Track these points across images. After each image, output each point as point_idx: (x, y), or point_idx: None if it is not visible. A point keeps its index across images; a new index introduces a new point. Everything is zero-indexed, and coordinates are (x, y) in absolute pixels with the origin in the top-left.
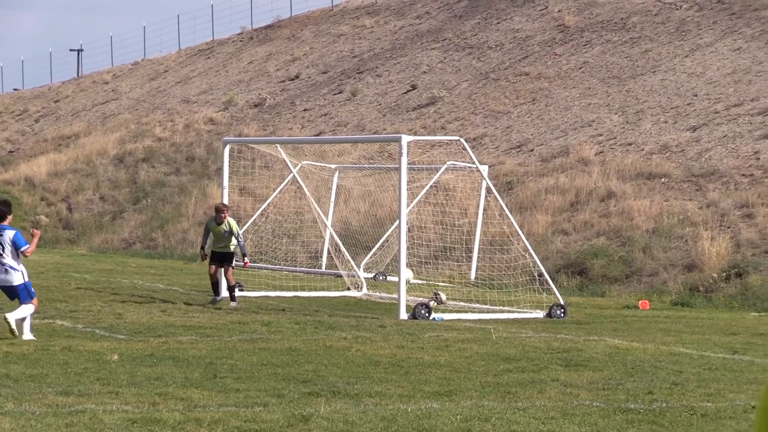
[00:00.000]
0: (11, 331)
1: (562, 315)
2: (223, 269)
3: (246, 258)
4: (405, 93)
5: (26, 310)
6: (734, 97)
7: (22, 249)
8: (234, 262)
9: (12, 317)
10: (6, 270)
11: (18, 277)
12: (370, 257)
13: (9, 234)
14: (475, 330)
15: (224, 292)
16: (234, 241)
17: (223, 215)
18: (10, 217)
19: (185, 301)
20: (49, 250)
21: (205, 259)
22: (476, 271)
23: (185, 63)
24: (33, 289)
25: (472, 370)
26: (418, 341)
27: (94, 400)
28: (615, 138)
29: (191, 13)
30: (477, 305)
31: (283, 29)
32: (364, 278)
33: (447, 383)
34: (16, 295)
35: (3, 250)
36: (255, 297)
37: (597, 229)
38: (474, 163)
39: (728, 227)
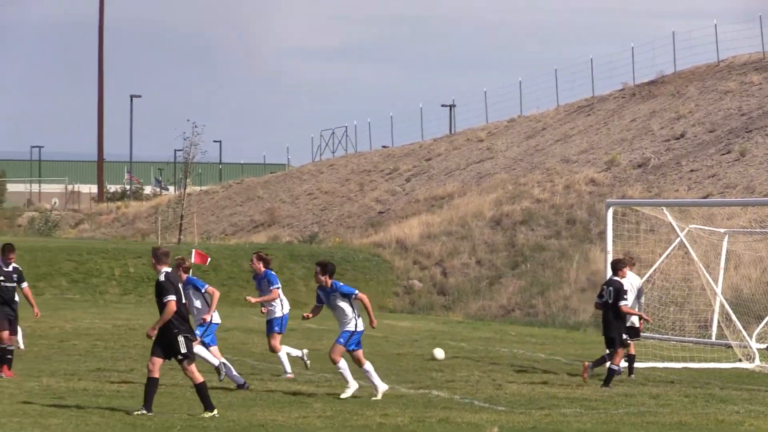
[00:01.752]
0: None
1: None
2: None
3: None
4: None
5: None
6: None
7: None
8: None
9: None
10: None
11: None
12: (763, 327)
13: None
14: None
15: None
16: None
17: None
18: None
19: (568, 372)
20: (423, 316)
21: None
22: None
23: (564, 120)
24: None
25: None
26: None
27: None
28: None
29: (569, 68)
30: None
31: (666, 85)
32: (757, 349)
33: None
34: None
35: None
36: (643, 368)
37: None
38: None
39: None
